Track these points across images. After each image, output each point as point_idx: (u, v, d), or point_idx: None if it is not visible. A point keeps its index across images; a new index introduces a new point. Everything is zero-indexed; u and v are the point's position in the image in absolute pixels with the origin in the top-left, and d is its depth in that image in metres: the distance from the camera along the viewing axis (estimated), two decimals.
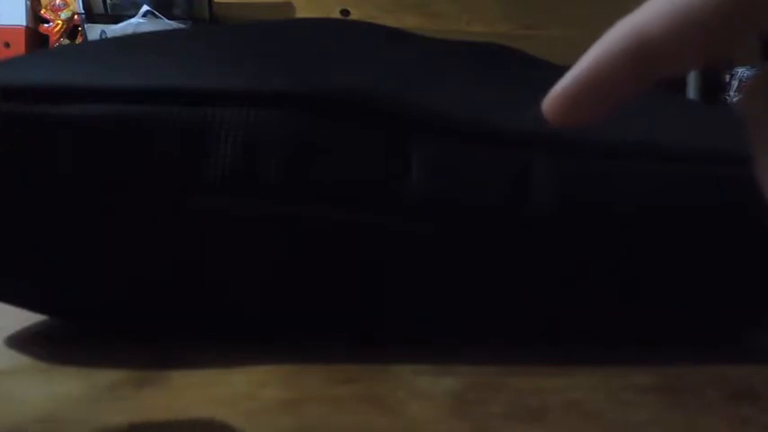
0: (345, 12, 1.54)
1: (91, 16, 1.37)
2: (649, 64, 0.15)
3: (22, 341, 0.26)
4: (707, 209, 0.24)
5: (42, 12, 1.46)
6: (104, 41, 0.28)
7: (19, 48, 1.37)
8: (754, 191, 0.18)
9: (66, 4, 1.46)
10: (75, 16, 1.43)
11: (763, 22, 0.15)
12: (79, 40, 1.43)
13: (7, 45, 1.37)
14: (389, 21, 1.44)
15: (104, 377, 0.21)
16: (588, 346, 0.26)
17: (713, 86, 1.33)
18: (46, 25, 1.45)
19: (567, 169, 0.23)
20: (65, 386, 0.20)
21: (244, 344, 0.24)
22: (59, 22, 1.45)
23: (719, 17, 0.14)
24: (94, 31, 1.35)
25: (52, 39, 1.44)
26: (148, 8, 1.32)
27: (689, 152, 0.24)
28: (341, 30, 0.31)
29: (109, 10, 1.37)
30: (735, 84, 1.34)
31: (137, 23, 1.30)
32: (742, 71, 1.33)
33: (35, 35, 1.43)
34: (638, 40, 0.15)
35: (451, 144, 0.23)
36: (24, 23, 1.40)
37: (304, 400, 0.20)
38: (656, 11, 0.15)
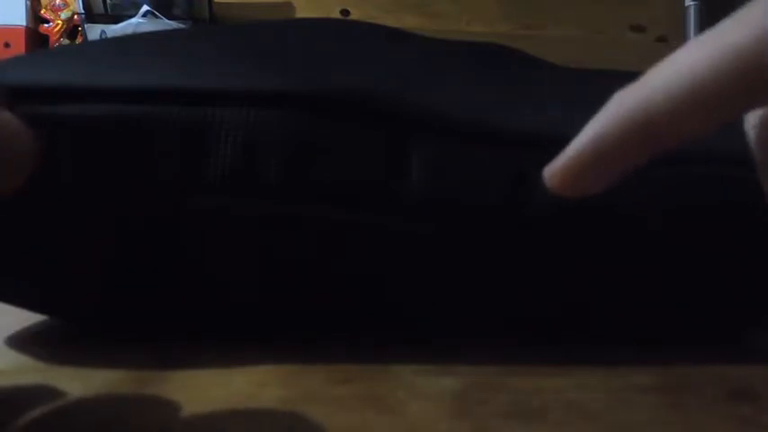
0: (345, 12, 1.54)
1: (91, 16, 1.37)
2: (655, 140, 0.15)
3: (22, 341, 0.26)
4: (707, 209, 0.24)
5: (42, 12, 1.46)
6: (104, 41, 0.28)
7: (19, 48, 1.37)
8: (754, 191, 0.18)
9: (66, 4, 1.46)
10: (75, 16, 1.43)
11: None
12: (79, 40, 1.43)
13: (7, 45, 1.37)
14: (389, 21, 1.44)
15: (104, 377, 0.21)
16: (588, 346, 0.26)
17: None
18: (46, 25, 1.45)
19: None
20: (65, 386, 0.20)
21: (244, 344, 0.24)
22: (59, 22, 1.45)
23: (728, 94, 0.14)
24: (94, 31, 1.35)
25: (52, 39, 1.44)
26: (148, 8, 1.32)
27: (689, 152, 0.24)
28: (341, 30, 0.31)
29: (109, 10, 1.37)
30: None
31: (137, 23, 1.30)
32: None
33: (35, 35, 1.43)
34: (644, 120, 0.15)
35: (451, 144, 0.23)
36: (24, 23, 1.40)
37: (304, 400, 0.20)
38: (663, 90, 0.15)
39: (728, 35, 0.14)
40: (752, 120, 0.17)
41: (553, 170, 0.17)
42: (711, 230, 0.24)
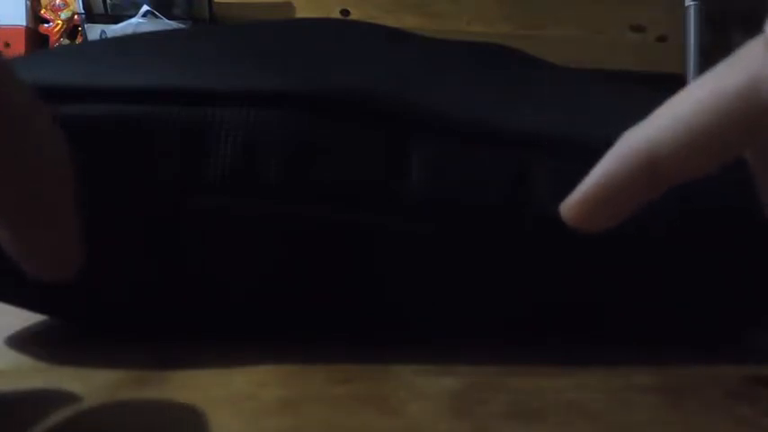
0: (345, 12, 1.54)
1: (91, 16, 1.37)
2: (661, 178, 0.16)
3: (22, 341, 0.26)
4: (707, 210, 0.24)
5: (42, 12, 1.46)
6: (104, 41, 0.28)
7: (19, 48, 1.37)
8: (753, 194, 0.18)
9: (66, 4, 1.46)
10: (75, 16, 1.43)
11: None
12: (79, 40, 1.43)
13: (7, 45, 1.37)
14: (389, 21, 1.44)
15: (104, 377, 0.21)
16: (588, 346, 0.26)
17: None
18: (46, 25, 1.46)
19: (567, 169, 0.23)
20: (65, 386, 0.20)
21: (244, 344, 0.24)
22: (59, 22, 1.45)
23: (724, 137, 0.15)
24: (94, 31, 1.35)
25: (52, 39, 1.45)
26: (148, 8, 1.32)
27: None
28: (341, 30, 0.31)
29: (109, 10, 1.37)
30: None
31: (137, 23, 1.30)
32: None
33: (35, 35, 1.43)
34: (650, 159, 0.16)
35: (451, 144, 0.23)
36: (24, 23, 1.40)
37: (304, 400, 0.20)
38: (666, 131, 0.16)
39: (726, 78, 0.15)
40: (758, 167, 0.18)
41: (567, 206, 0.18)
42: (711, 231, 0.24)
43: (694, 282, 0.25)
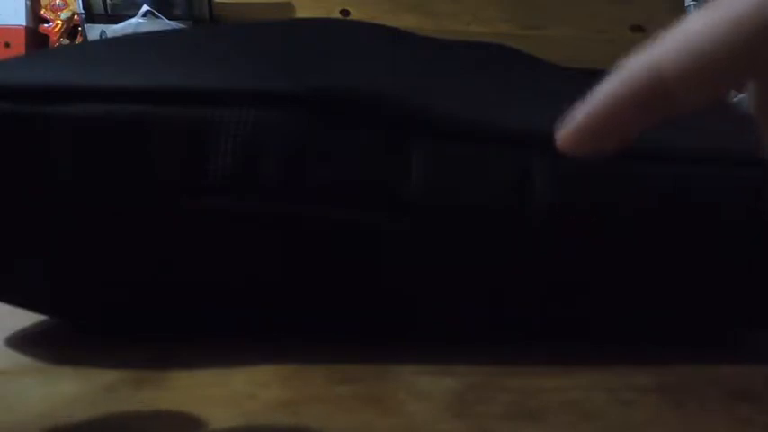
0: (345, 12, 1.54)
1: (91, 16, 1.37)
2: (664, 98, 0.16)
3: (22, 341, 0.26)
4: (707, 209, 0.24)
5: (42, 12, 1.46)
6: (104, 41, 0.28)
7: (19, 48, 1.37)
8: (755, 190, 0.18)
9: (66, 4, 1.46)
10: (75, 16, 1.43)
11: None
12: (79, 40, 1.43)
13: (7, 45, 1.37)
14: (389, 21, 1.44)
15: (104, 377, 0.21)
16: (588, 346, 0.26)
17: None
18: (46, 25, 1.45)
19: (567, 169, 0.23)
20: (64, 386, 0.20)
21: (244, 344, 0.24)
22: (59, 22, 1.45)
23: (731, 60, 0.15)
24: (94, 31, 1.35)
25: (52, 39, 1.44)
26: (148, 8, 1.32)
27: (689, 152, 0.24)
28: (341, 30, 0.31)
29: (109, 10, 1.37)
30: None
31: (137, 23, 1.30)
32: None
33: (35, 35, 1.43)
34: (653, 75, 0.15)
35: (451, 144, 0.23)
36: (24, 23, 1.40)
37: (304, 400, 0.20)
38: (672, 47, 0.15)
39: (734, 2, 0.15)
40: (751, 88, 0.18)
41: (567, 128, 0.17)
42: (712, 230, 0.24)
43: (695, 281, 0.25)
